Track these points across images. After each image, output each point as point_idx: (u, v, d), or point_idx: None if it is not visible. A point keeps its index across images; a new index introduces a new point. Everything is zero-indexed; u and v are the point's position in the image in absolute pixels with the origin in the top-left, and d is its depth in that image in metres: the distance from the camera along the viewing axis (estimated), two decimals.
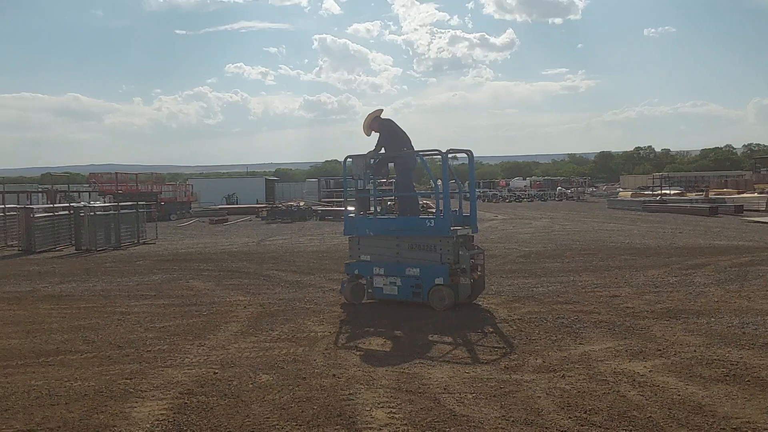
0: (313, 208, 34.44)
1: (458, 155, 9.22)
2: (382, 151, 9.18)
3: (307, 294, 9.85)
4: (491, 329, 7.25)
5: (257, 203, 45.87)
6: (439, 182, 8.65)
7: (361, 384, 5.32)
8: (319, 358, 6.16)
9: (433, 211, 9.14)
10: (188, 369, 5.87)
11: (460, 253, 8.32)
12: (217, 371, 5.77)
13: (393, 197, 11.52)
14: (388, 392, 5.09)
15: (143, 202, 23.52)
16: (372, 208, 9.35)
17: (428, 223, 8.50)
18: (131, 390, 5.30)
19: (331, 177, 54.22)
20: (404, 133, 9.41)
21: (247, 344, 6.77)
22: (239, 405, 4.90)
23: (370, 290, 8.82)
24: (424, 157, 9.45)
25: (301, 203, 37.15)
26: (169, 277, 12.18)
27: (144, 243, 20.52)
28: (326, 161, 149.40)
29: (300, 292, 10.02)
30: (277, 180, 72.24)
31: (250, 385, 5.36)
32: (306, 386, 5.30)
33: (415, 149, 9.34)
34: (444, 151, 8.48)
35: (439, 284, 8.24)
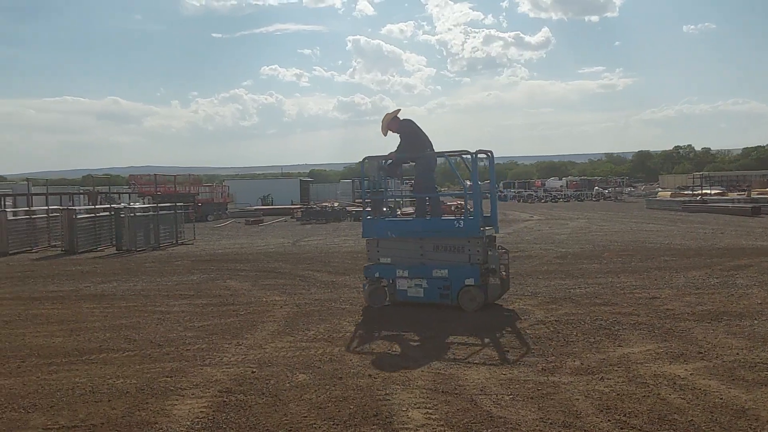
0: (348, 208, 34.58)
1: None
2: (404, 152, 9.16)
3: (343, 294, 9.90)
4: (527, 330, 7.18)
5: (292, 204, 46.25)
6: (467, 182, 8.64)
7: (397, 384, 5.33)
8: (354, 358, 6.20)
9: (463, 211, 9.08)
10: (227, 368, 5.96)
11: (489, 253, 8.32)
12: (254, 370, 5.85)
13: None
14: (424, 393, 5.10)
15: (181, 203, 23.91)
16: (385, 210, 9.33)
17: (457, 224, 8.48)
18: (171, 388, 5.40)
19: (365, 178, 54.33)
20: (424, 133, 9.37)
21: (283, 344, 6.84)
22: (277, 404, 4.95)
23: (392, 293, 8.72)
24: (452, 158, 9.40)
25: (336, 204, 37.35)
26: (207, 277, 12.37)
27: (182, 243, 20.86)
28: (360, 162, 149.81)
29: (335, 293, 10.07)
30: (311, 181, 72.75)
31: (288, 385, 5.41)
32: (342, 386, 5.34)
33: (444, 150, 9.29)
34: (473, 151, 8.45)
35: (470, 285, 8.21)
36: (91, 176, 53.92)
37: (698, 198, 37.17)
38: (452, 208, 27.93)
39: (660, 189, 63.47)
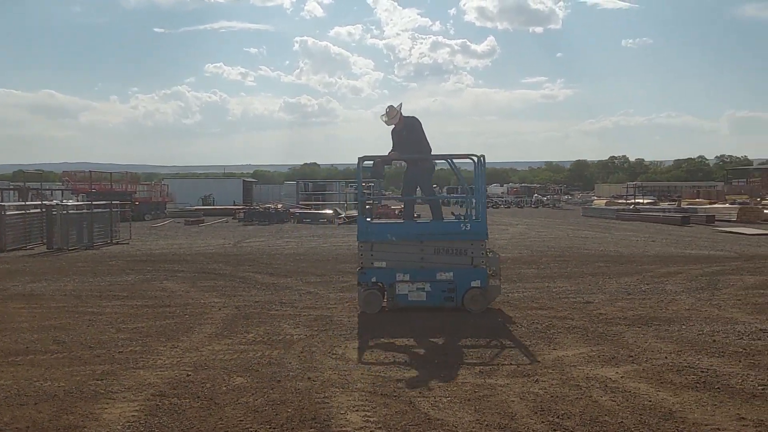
0: (291, 210, 34.27)
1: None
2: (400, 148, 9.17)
3: (284, 296, 9.80)
4: (466, 333, 7.27)
5: (234, 205, 45.54)
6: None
7: (336, 387, 5.30)
8: (294, 361, 6.13)
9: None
10: (161, 371, 5.81)
11: (490, 255, 8.49)
12: (190, 373, 5.72)
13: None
14: (363, 395, 5.09)
15: (117, 201, 23.23)
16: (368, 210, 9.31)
17: (463, 227, 8.52)
18: (102, 391, 5.23)
19: (309, 180, 54.20)
20: None
21: (221, 346, 6.72)
22: (212, 407, 4.85)
23: (390, 297, 8.44)
24: (455, 162, 9.45)
25: (279, 206, 36.98)
26: (143, 278, 12.05)
27: (117, 243, 20.26)
28: (305, 164, 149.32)
29: (276, 295, 9.96)
30: (255, 182, 71.79)
31: (224, 388, 5.32)
32: (281, 389, 5.27)
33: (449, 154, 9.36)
34: (479, 155, 8.52)
35: (476, 287, 8.28)
36: (22, 171, 51.89)
37: (631, 207, 38.46)
38: (396, 212, 28.12)
39: (595, 197, 65.40)
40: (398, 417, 4.62)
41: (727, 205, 38.07)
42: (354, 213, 32.70)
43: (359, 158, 8.76)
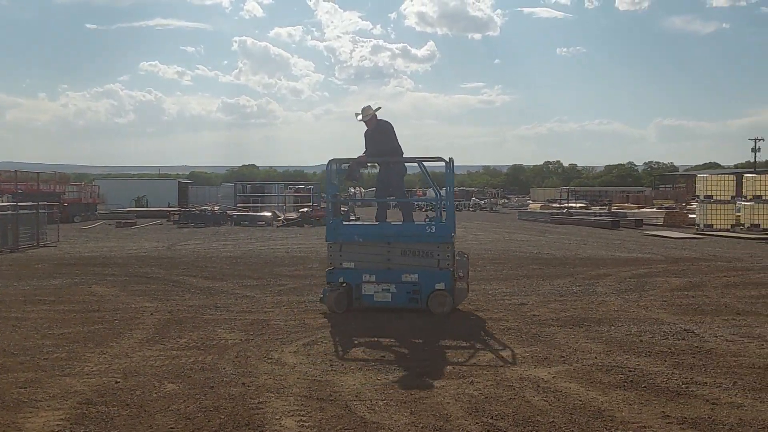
0: (228, 212, 33.72)
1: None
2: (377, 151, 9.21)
3: (218, 300, 9.62)
4: (402, 336, 7.30)
5: (169, 207, 44.48)
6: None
7: (271, 392, 5.23)
8: (228, 367, 6.02)
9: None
10: (88, 378, 5.61)
11: (457, 258, 8.50)
12: (119, 380, 5.54)
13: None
14: (298, 400, 5.04)
15: (45, 202, 22.37)
16: (343, 212, 9.27)
17: (428, 229, 8.55)
18: (25, 400, 5.01)
19: (248, 182, 53.53)
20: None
21: (152, 352, 6.53)
22: (142, 415, 4.71)
23: (357, 298, 8.48)
24: (425, 165, 9.44)
25: (216, 207, 36.32)
26: (71, 282, 11.62)
27: (44, 246, 19.50)
28: (243, 165, 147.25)
29: (211, 299, 9.77)
30: (191, 183, 70.30)
31: (155, 395, 5.17)
32: (214, 395, 5.17)
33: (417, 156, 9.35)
34: (448, 158, 8.51)
35: (440, 289, 8.28)
36: None
37: (564, 211, 39.51)
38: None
39: (531, 201, 66.80)
40: (334, 421, 4.59)
41: (654, 209, 39.43)
42: (293, 215, 32.56)
43: (330, 160, 8.87)
